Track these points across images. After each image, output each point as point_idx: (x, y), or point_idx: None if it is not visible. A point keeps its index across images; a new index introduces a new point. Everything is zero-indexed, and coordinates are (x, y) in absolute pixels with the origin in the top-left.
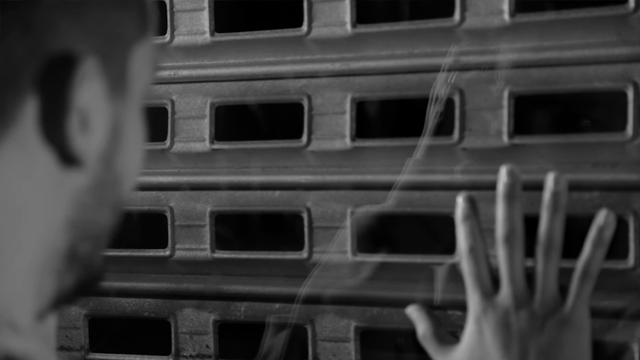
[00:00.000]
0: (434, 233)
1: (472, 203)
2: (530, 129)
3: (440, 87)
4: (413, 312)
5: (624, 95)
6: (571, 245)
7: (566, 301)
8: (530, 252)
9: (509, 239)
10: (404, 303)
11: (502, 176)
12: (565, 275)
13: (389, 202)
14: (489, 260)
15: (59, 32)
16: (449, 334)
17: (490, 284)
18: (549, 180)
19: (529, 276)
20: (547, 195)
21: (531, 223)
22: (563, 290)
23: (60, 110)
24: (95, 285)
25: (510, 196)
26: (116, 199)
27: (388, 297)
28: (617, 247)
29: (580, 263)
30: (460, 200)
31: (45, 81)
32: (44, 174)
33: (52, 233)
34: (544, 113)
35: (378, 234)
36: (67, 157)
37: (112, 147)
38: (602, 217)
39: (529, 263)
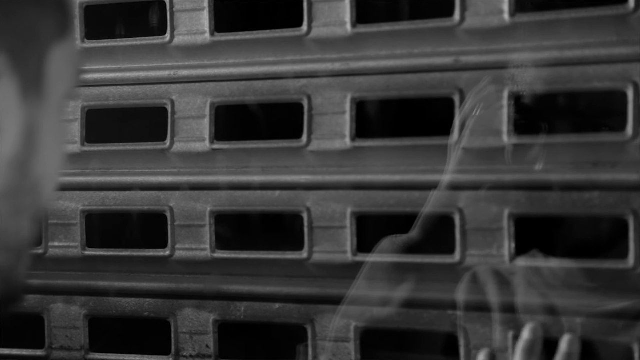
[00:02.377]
0: None
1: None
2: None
3: (465, 118)
4: None
5: (624, 95)
6: (571, 245)
7: None
8: (532, 247)
9: None
10: (403, 303)
11: (525, 333)
12: (565, 273)
13: (415, 232)
14: None
15: None
16: None
17: None
18: (564, 341)
19: None
20: (560, 355)
21: (530, 224)
22: None
23: None
24: (14, 303)
25: (529, 352)
26: (35, 207)
27: (388, 297)
28: (617, 247)
29: None
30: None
31: None
32: None
33: None
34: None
35: (405, 264)
36: None
37: (26, 151)
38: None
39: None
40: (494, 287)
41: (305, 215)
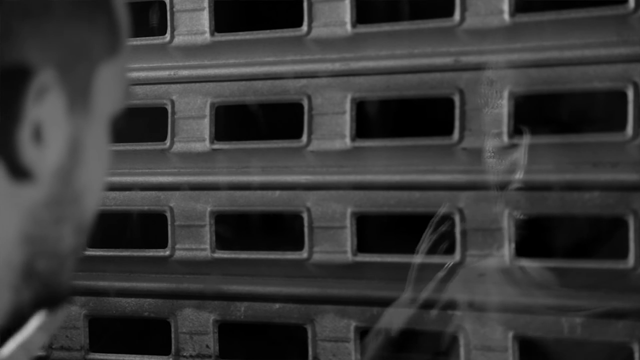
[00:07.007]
0: None
1: None
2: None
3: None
4: None
5: (624, 95)
6: (570, 245)
7: None
8: (537, 249)
9: None
10: None
11: None
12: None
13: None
14: None
15: (17, 40)
16: None
17: None
18: None
19: None
20: None
21: (531, 224)
22: None
23: (11, 121)
24: (57, 304)
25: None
26: (78, 216)
27: (388, 297)
28: (617, 247)
29: None
30: None
31: None
32: None
33: (6, 247)
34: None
35: None
36: (18, 170)
37: (71, 162)
38: None
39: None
40: (459, 286)
41: (305, 215)
